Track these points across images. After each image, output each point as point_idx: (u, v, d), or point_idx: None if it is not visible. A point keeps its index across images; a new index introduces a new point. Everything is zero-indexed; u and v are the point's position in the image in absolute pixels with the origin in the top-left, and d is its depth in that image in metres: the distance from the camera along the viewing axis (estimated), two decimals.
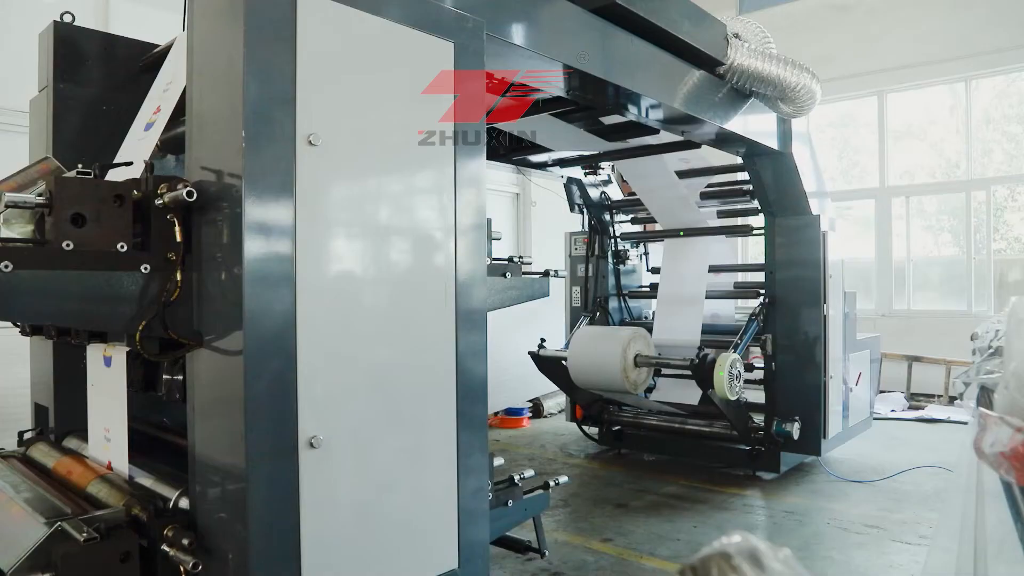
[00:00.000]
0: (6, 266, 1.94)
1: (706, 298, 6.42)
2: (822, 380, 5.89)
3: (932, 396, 9.45)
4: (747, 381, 5.67)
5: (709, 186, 6.84)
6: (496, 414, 8.29)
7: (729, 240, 7.51)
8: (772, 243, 6.13)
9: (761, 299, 6.10)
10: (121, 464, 2.52)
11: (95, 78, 3.34)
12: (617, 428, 7.01)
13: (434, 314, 2.50)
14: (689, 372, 5.54)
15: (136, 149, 2.82)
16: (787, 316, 6.00)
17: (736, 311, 7.31)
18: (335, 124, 2.21)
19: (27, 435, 3.27)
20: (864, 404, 6.79)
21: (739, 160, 6.22)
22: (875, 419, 7.42)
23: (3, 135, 5.64)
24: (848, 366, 6.34)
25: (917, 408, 8.96)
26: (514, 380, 8.08)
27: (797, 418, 5.82)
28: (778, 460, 5.98)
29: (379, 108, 2.36)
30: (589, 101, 4.33)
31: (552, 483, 3.55)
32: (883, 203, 10.46)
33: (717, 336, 6.36)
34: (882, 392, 9.14)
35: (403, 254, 2.42)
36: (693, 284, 6.46)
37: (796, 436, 5.78)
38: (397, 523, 2.36)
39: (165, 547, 2.06)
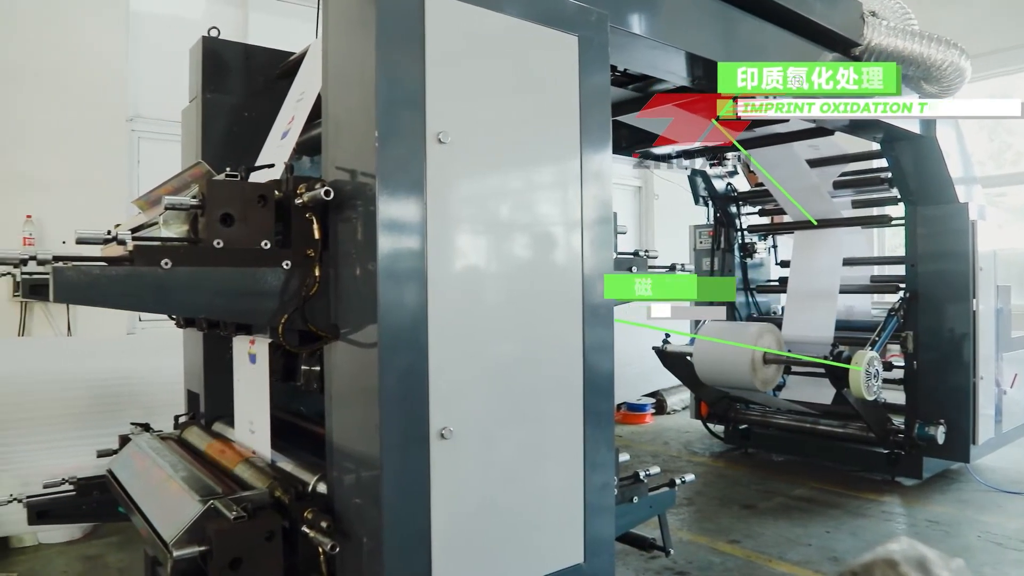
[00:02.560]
0: (166, 263, 2.09)
1: (840, 292, 6.11)
2: (971, 381, 5.47)
3: None
4: (885, 380, 5.34)
5: (843, 174, 6.49)
6: (619, 408, 8.23)
7: (864, 231, 7.11)
8: (913, 234, 5.74)
9: (901, 294, 5.73)
10: (264, 449, 2.67)
11: (237, 87, 3.56)
12: (744, 427, 6.81)
13: (561, 309, 2.50)
14: (822, 370, 5.28)
15: (276, 152, 2.97)
16: (931, 312, 5.61)
17: (873, 306, 6.90)
18: (463, 121, 2.24)
19: (181, 419, 3.54)
20: (1021, 408, 6.24)
21: (876, 146, 5.87)
22: None
23: (160, 143, 6.14)
24: (1002, 366, 5.85)
25: None
26: (634, 375, 8.00)
27: (942, 421, 5.43)
28: (920, 465, 5.62)
29: (506, 104, 2.38)
30: (713, 91, 4.20)
31: (678, 481, 3.48)
32: None
33: (852, 333, 6.05)
34: None
35: (530, 249, 2.44)
36: (826, 278, 6.16)
37: (941, 440, 5.40)
38: (523, 515, 2.39)
39: (305, 528, 2.17)
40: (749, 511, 5.16)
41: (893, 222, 6.11)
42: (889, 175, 5.93)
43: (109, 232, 2.26)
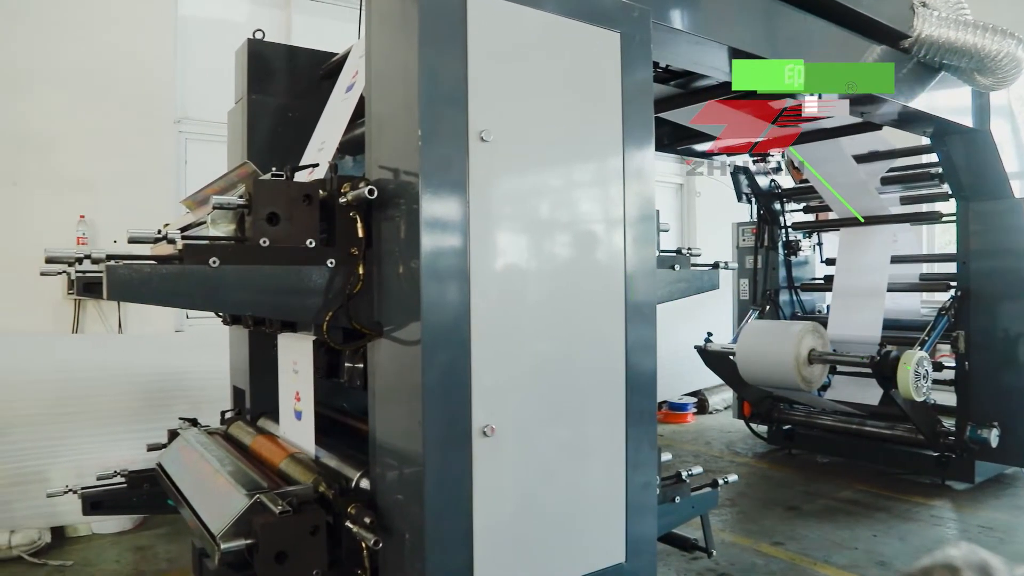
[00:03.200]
0: (214, 262, 2.13)
1: (888, 291, 5.97)
2: None
3: None
4: (935, 381, 5.21)
5: (891, 170, 6.34)
6: (660, 407, 8.18)
7: (913, 228, 6.94)
8: (965, 230, 5.59)
9: (952, 292, 5.58)
10: (308, 445, 2.71)
11: (282, 88, 3.60)
12: (788, 427, 6.70)
13: (604, 307, 2.48)
14: (869, 370, 5.17)
15: (319, 152, 3.01)
16: (984, 311, 5.45)
17: (922, 305, 6.74)
18: (506, 120, 2.24)
19: (227, 415, 3.60)
20: None
21: (925, 141, 5.72)
22: None
23: (207, 144, 6.27)
24: None
25: None
26: (671, 375, 7.92)
27: (996, 424, 5.28)
28: (972, 469, 5.47)
29: (548, 102, 2.37)
30: None
31: (721, 481, 3.44)
32: None
33: (900, 332, 5.91)
34: None
35: (572, 247, 2.42)
36: (873, 276, 6.03)
37: (995, 444, 5.25)
38: (565, 513, 2.38)
39: (349, 524, 2.19)
40: (793, 513, 5.07)
41: (944, 218, 5.95)
42: (939, 170, 5.78)
43: (159, 231, 2.31)
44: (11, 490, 4.31)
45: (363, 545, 2.18)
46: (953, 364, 5.65)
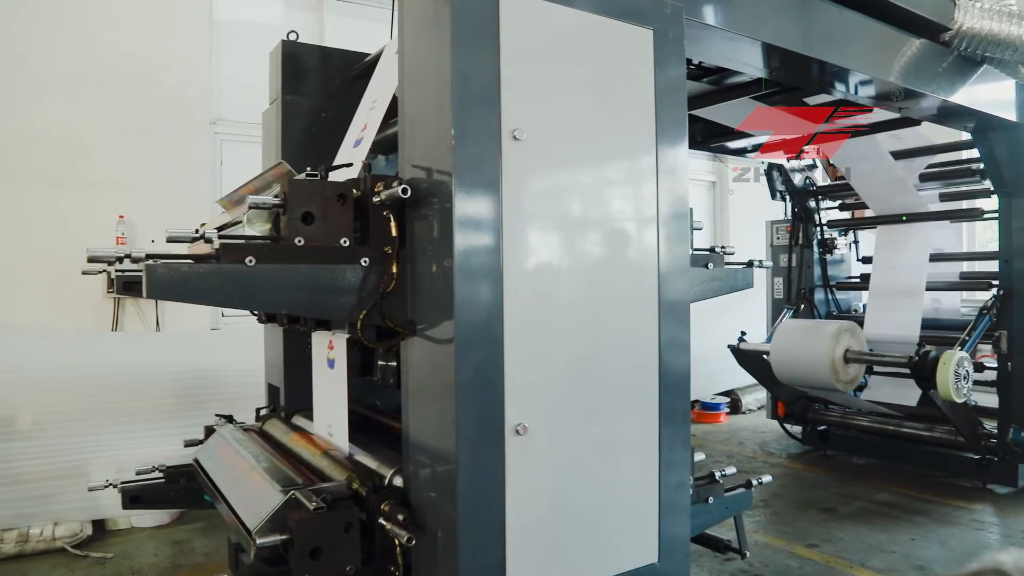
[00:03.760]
0: (250, 261, 2.16)
1: (927, 290, 5.85)
2: None
3: None
4: (976, 382, 5.09)
5: (929, 166, 6.21)
6: (692, 406, 8.12)
7: (953, 225, 6.80)
8: (1008, 228, 5.46)
9: (994, 291, 5.45)
10: (341, 442, 2.73)
11: (315, 88, 3.64)
12: (823, 428, 6.61)
13: (637, 306, 2.47)
14: (907, 370, 5.07)
15: (353, 152, 3.03)
16: None
17: (962, 304, 6.60)
18: (538, 118, 2.23)
19: (262, 412, 3.65)
20: None
21: (965, 136, 5.60)
22: None
23: (241, 145, 6.35)
24: None
25: None
26: (704, 374, 7.85)
27: None
28: (1015, 472, 5.35)
29: (580, 100, 2.36)
30: (792, 81, 4.08)
31: (754, 482, 3.40)
32: None
33: (940, 332, 5.79)
34: None
35: (605, 245, 2.41)
36: (911, 275, 5.91)
37: None
38: (598, 513, 2.37)
39: (382, 521, 2.20)
40: (828, 515, 5.00)
41: (985, 215, 5.82)
42: (980, 166, 5.66)
43: (196, 231, 2.35)
44: (54, 484, 4.43)
45: (396, 542, 2.20)
46: (995, 365, 5.53)
